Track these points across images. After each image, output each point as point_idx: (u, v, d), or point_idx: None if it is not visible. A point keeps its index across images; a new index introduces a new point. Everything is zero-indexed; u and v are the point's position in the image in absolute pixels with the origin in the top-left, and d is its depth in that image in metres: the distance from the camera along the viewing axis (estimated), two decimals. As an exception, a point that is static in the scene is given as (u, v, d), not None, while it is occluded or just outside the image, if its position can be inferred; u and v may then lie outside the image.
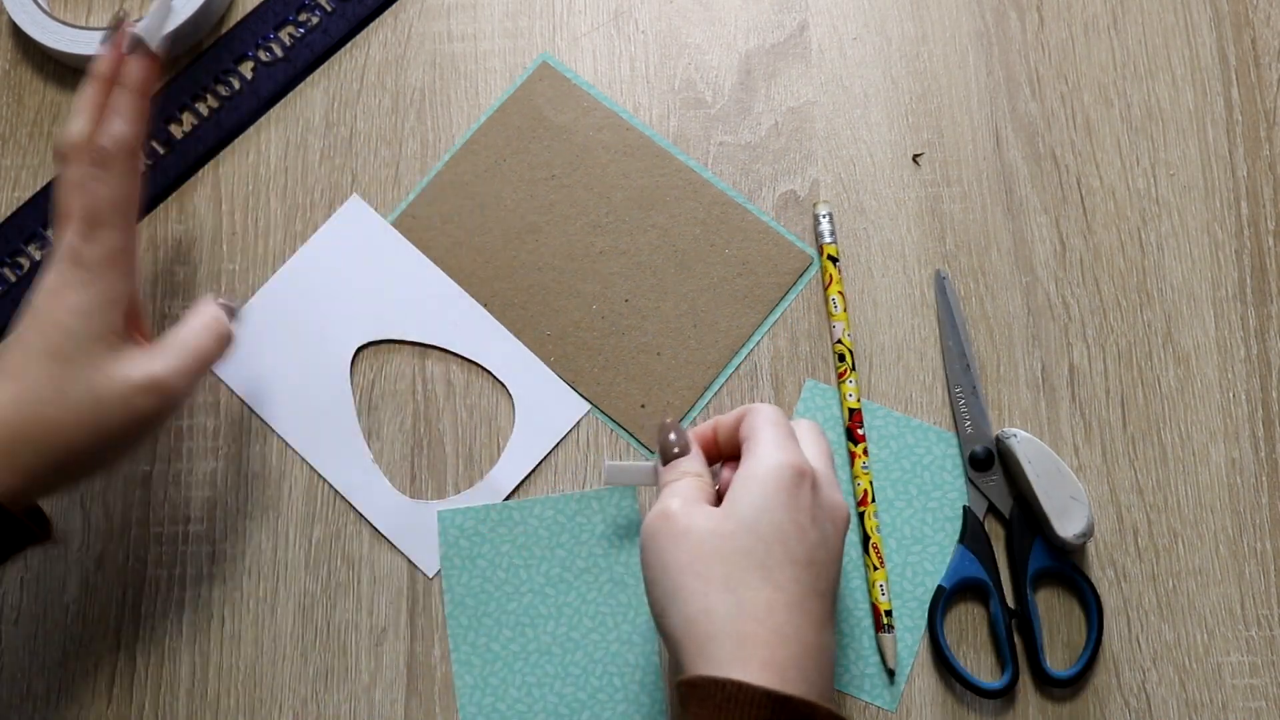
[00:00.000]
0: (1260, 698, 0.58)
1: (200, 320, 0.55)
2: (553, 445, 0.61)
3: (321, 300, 0.63)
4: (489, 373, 0.62)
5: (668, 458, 0.54)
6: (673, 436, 0.54)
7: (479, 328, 0.62)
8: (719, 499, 0.51)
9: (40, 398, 0.50)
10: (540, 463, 0.61)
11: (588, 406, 0.61)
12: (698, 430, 0.56)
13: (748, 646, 0.46)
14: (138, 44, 0.55)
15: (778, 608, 0.47)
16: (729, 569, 0.47)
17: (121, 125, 0.53)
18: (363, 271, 0.63)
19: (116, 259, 0.53)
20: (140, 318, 0.56)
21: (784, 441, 0.51)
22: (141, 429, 0.53)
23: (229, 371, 0.62)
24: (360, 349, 0.62)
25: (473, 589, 0.59)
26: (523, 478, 0.61)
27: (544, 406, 0.61)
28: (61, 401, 0.50)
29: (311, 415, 0.62)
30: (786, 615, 0.47)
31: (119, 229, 0.53)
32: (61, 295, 0.52)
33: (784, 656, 0.46)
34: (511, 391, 0.62)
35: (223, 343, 0.56)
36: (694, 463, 0.54)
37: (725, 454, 0.55)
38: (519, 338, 0.62)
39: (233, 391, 0.62)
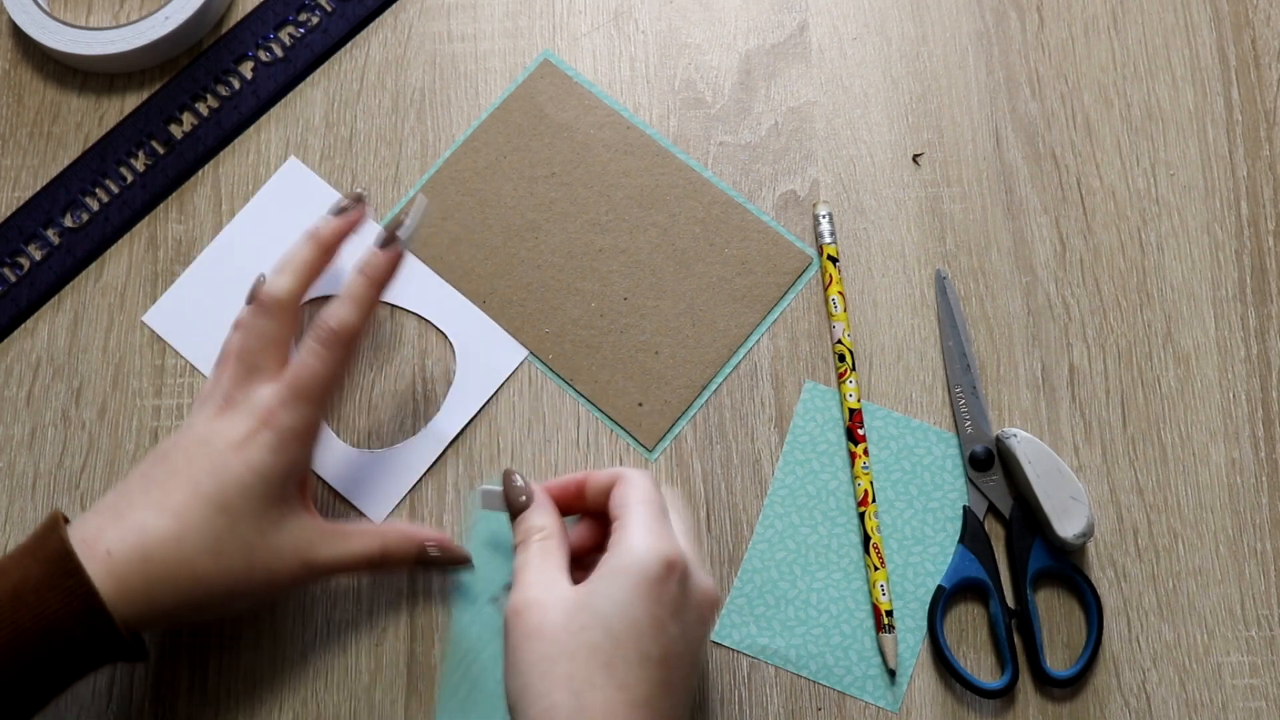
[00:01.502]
0: (1260, 698, 0.58)
1: (374, 547, 0.55)
2: (493, 390, 0.61)
3: (264, 261, 0.63)
4: (430, 323, 0.63)
5: (515, 509, 0.54)
6: (518, 482, 0.54)
7: (418, 279, 0.63)
8: (582, 556, 0.52)
9: (197, 546, 0.50)
10: (483, 407, 0.61)
11: (525, 352, 0.62)
12: (561, 481, 0.55)
13: None
14: (391, 240, 0.55)
15: (618, 707, 0.46)
16: (574, 666, 0.47)
17: (353, 314, 0.54)
18: (302, 230, 0.63)
19: (308, 433, 0.53)
20: (306, 486, 0.56)
21: (656, 526, 0.50)
22: (274, 595, 0.55)
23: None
24: (303, 306, 0.62)
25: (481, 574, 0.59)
26: (464, 424, 0.61)
27: (484, 353, 0.62)
28: (215, 555, 0.50)
29: None
30: (626, 715, 0.46)
31: (318, 407, 0.53)
32: (245, 450, 0.51)
33: None
34: (451, 339, 0.62)
35: (374, 572, 0.57)
36: (540, 515, 0.53)
37: (591, 510, 0.55)
38: (517, 335, 0.62)
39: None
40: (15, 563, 0.49)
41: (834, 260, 0.63)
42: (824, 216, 0.63)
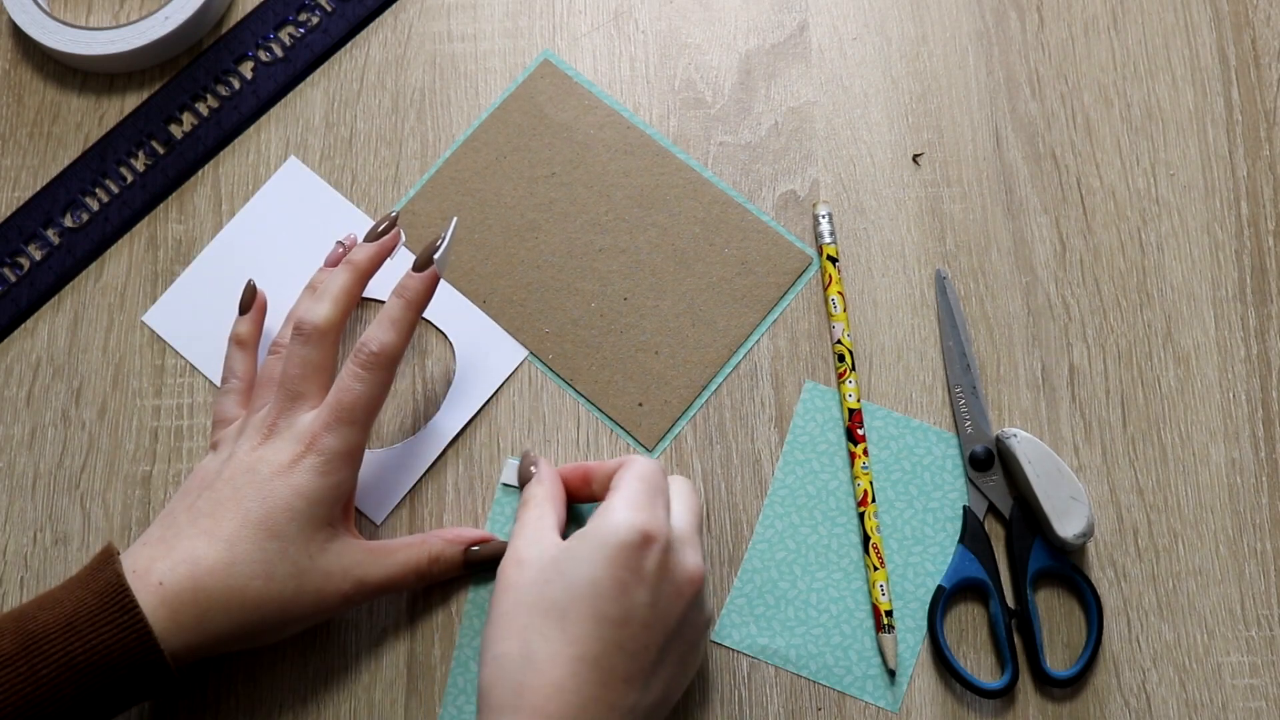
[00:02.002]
0: (1260, 698, 0.58)
1: (420, 557, 0.56)
2: (493, 390, 0.62)
3: (263, 260, 0.63)
4: (429, 322, 0.63)
5: (524, 482, 0.57)
6: (532, 469, 0.57)
7: None
8: None
9: (249, 572, 0.51)
10: (483, 407, 0.61)
11: (525, 353, 0.62)
12: (568, 467, 0.58)
13: (524, 695, 0.47)
14: (427, 263, 0.56)
15: (563, 661, 0.47)
16: (531, 619, 0.49)
17: (393, 336, 0.54)
18: (302, 230, 0.64)
19: (354, 456, 0.54)
20: (350, 509, 0.56)
21: (642, 500, 0.51)
22: (324, 617, 0.54)
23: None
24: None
25: None
26: (464, 424, 0.61)
27: (483, 353, 0.62)
28: (266, 580, 0.51)
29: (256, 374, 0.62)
30: (571, 669, 0.47)
31: (363, 429, 0.54)
32: (292, 475, 0.52)
33: (558, 709, 0.47)
34: (451, 339, 0.62)
35: (424, 583, 0.57)
36: (541, 484, 0.56)
37: (599, 498, 0.56)
38: (517, 335, 0.62)
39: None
40: (68, 593, 0.50)
41: (834, 260, 0.63)
42: (824, 216, 0.63)
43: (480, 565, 0.58)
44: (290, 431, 0.53)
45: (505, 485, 0.60)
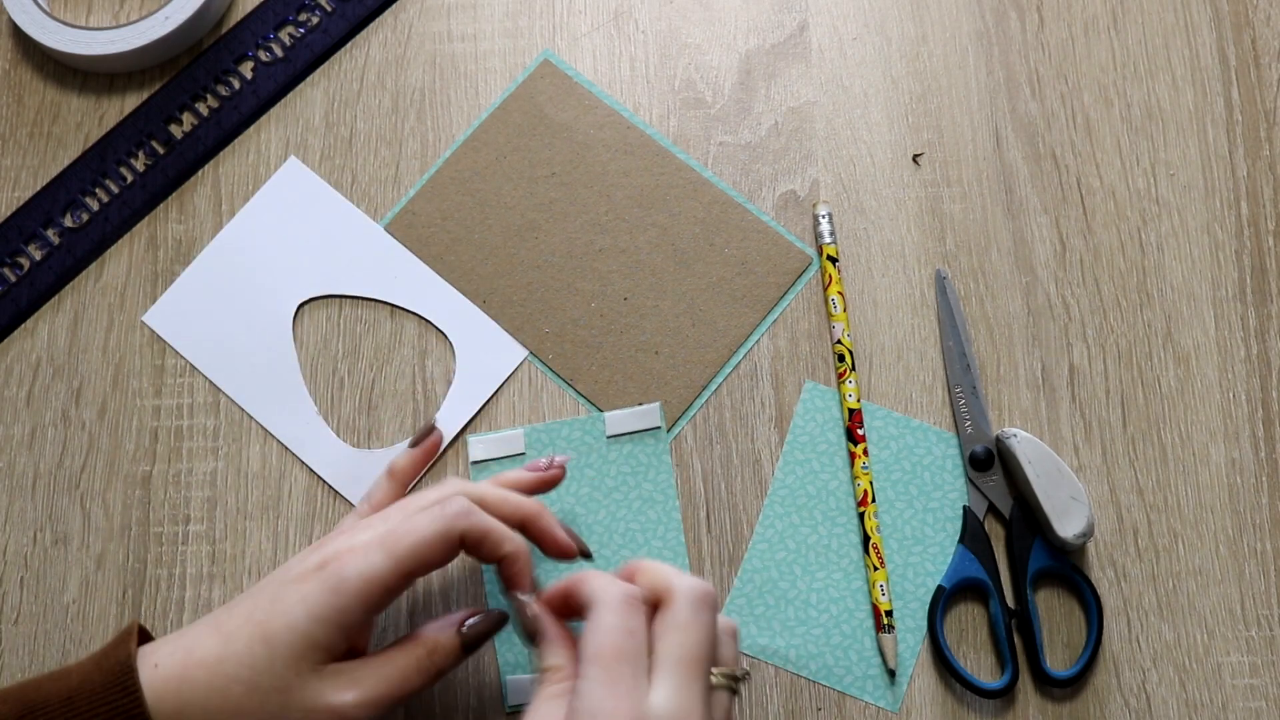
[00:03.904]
0: (1260, 698, 0.58)
1: (416, 653, 0.51)
2: (493, 390, 0.62)
3: (263, 260, 0.64)
4: (429, 322, 0.63)
5: (530, 637, 0.51)
6: (529, 611, 0.51)
7: (418, 280, 0.63)
8: None
9: (234, 674, 0.48)
10: (483, 407, 0.61)
11: (525, 353, 0.62)
12: (552, 591, 0.51)
13: None
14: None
15: None
16: None
17: (492, 521, 0.51)
18: (303, 230, 0.64)
19: (372, 588, 0.49)
20: (364, 644, 0.53)
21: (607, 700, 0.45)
22: None
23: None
24: (302, 305, 0.63)
25: None
26: (464, 424, 0.61)
27: (483, 353, 0.62)
28: (250, 687, 0.48)
29: (256, 373, 0.62)
30: None
31: (394, 565, 0.49)
32: (304, 584, 0.49)
33: None
34: (451, 339, 0.62)
35: (430, 680, 0.51)
36: (553, 655, 0.50)
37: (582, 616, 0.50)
38: (517, 335, 0.62)
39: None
40: (80, 667, 0.48)
41: (834, 260, 0.63)
42: (824, 216, 0.63)
43: (480, 641, 0.53)
44: (326, 546, 0.51)
45: (475, 463, 0.61)
